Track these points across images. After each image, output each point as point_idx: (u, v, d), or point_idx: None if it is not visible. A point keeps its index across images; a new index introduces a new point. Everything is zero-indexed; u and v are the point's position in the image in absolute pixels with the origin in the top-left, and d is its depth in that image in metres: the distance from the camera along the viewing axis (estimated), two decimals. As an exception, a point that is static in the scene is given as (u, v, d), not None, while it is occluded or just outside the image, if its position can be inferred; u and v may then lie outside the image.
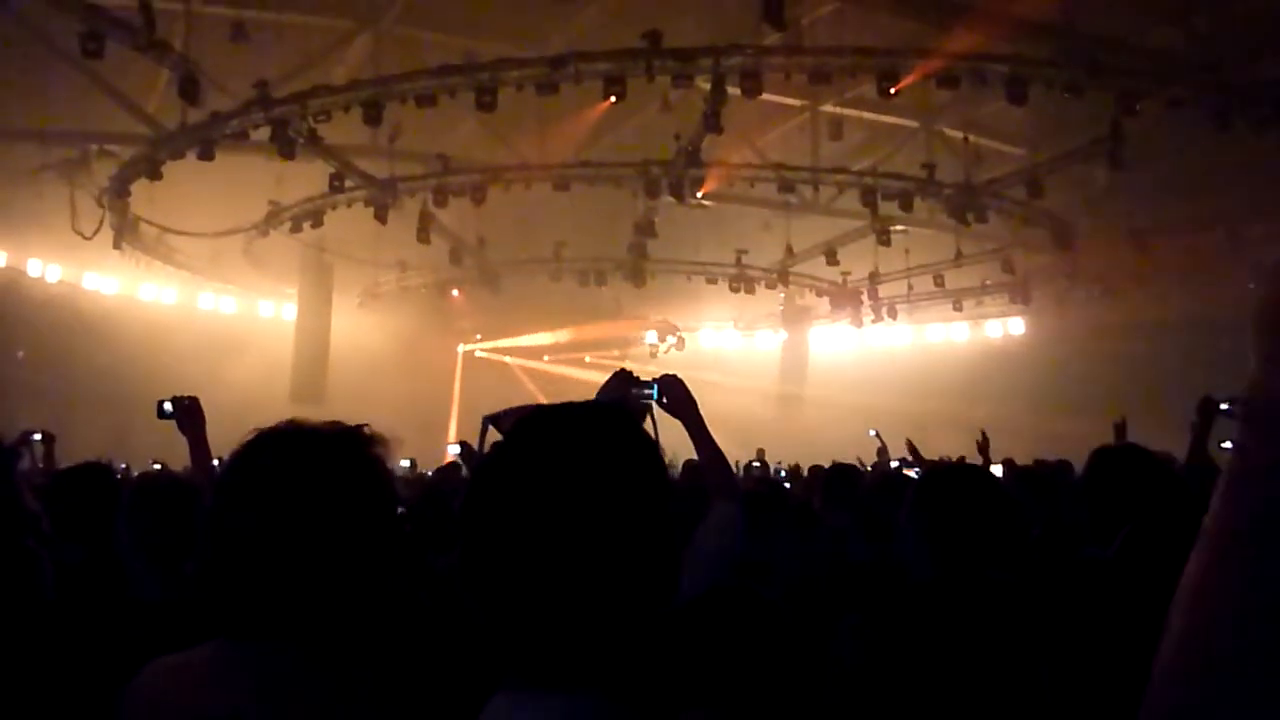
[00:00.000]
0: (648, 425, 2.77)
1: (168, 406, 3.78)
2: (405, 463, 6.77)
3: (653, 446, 1.36)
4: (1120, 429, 6.46)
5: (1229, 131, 14.25)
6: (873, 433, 11.64)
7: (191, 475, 4.00)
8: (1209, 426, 4.40)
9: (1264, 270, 0.87)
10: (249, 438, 1.90)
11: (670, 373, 3.08)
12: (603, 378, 2.93)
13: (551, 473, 1.27)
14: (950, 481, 3.16)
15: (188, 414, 3.74)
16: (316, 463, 1.84)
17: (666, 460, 1.38)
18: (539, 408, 1.42)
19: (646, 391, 3.01)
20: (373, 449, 1.88)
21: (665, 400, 2.97)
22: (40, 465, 6.39)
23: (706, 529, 2.86)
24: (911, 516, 3.10)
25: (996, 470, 8.64)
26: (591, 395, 3.29)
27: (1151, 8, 14.46)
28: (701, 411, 2.98)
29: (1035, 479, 6.72)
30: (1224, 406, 3.57)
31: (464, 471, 6.71)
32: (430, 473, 10.15)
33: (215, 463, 4.03)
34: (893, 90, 14.04)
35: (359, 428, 1.92)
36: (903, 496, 3.25)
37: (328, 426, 1.91)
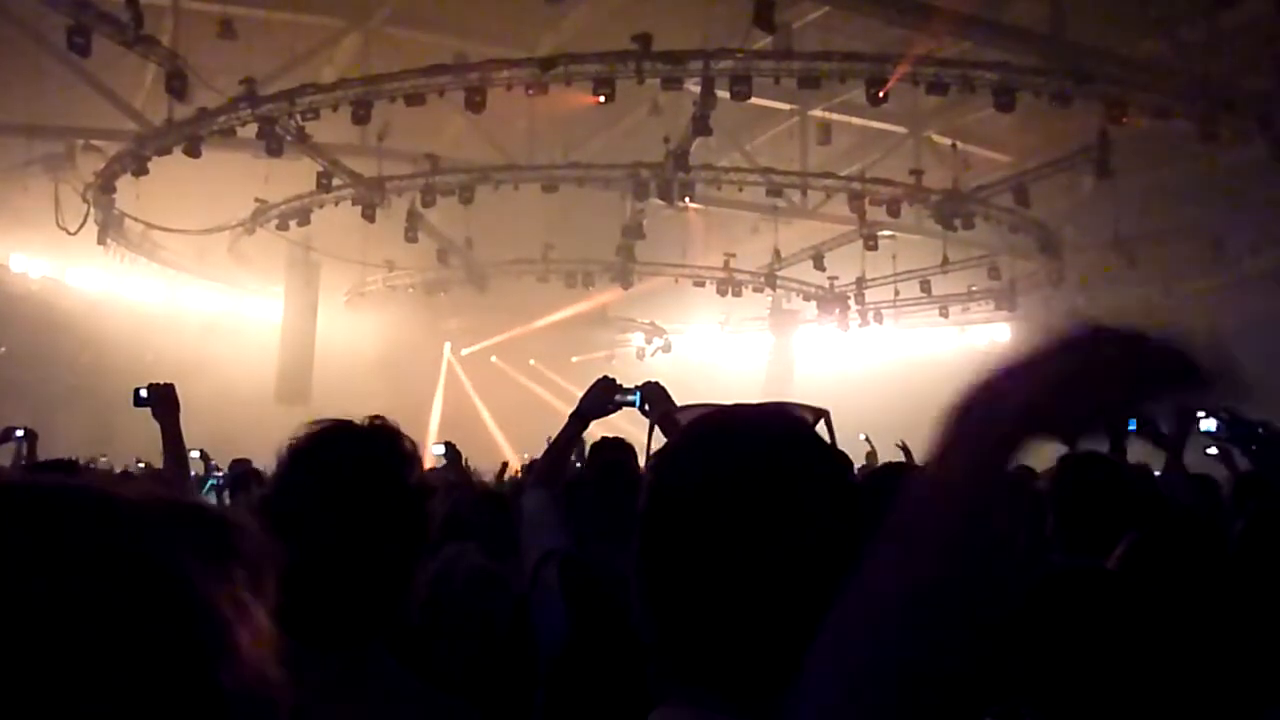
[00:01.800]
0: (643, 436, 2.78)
1: (143, 393, 3.76)
2: (439, 448, 6.71)
3: (832, 461, 1.29)
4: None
5: (1215, 141, 14.34)
6: (863, 437, 11.66)
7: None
8: (1187, 434, 4.41)
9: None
10: (309, 434, 1.84)
11: (653, 380, 3.07)
12: (588, 378, 2.93)
13: (740, 483, 1.20)
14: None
15: (163, 400, 3.71)
16: (385, 466, 1.82)
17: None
18: (715, 412, 1.36)
19: (630, 398, 3.01)
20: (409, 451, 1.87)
21: (647, 407, 2.97)
22: (23, 463, 6.34)
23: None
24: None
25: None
26: (576, 397, 3.29)
27: (1139, 19, 14.53)
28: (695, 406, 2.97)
29: (1018, 486, 6.73)
30: (1204, 427, 3.58)
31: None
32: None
33: (195, 455, 4.01)
34: (880, 95, 14.08)
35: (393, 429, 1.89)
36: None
37: (375, 426, 1.88)
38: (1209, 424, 3.56)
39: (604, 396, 3.05)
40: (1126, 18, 14.43)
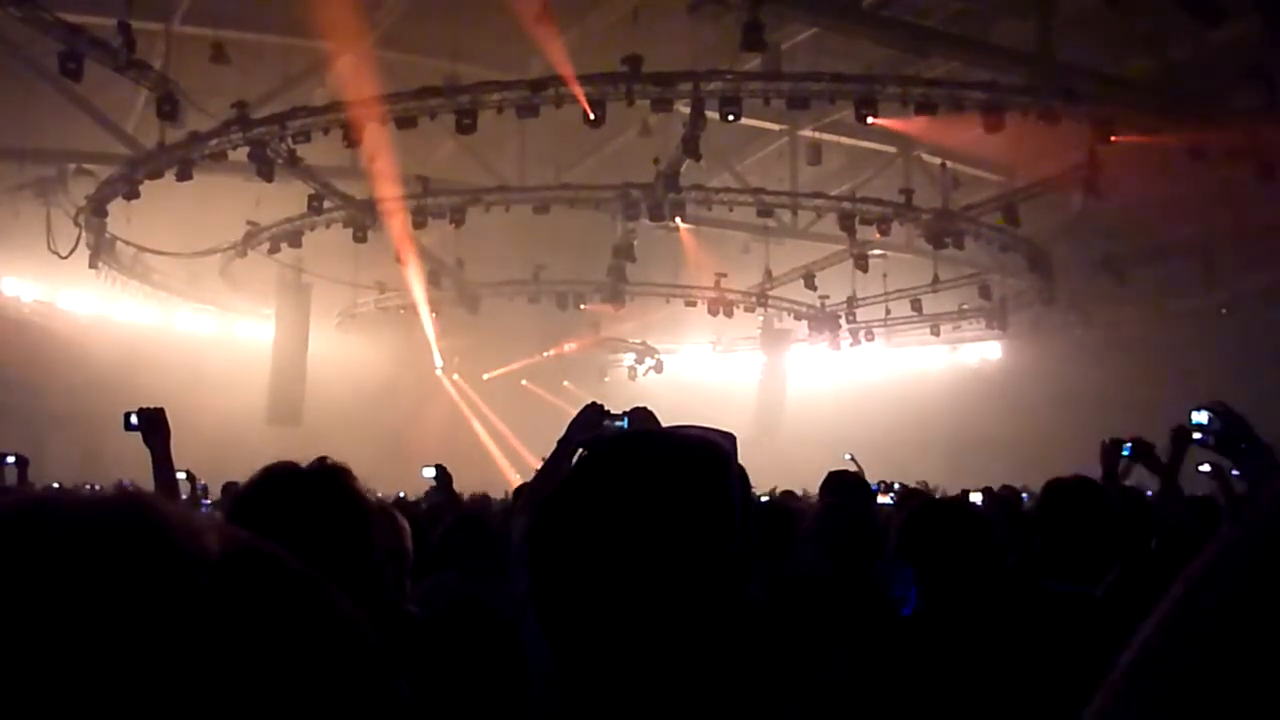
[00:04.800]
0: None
1: (133, 419, 3.73)
2: (430, 472, 6.70)
3: (728, 490, 1.28)
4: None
5: (1204, 159, 14.41)
6: (848, 456, 11.65)
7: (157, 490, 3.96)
8: (1181, 457, 4.39)
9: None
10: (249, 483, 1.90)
11: (641, 405, 3.08)
12: (579, 399, 2.94)
13: (624, 509, 1.21)
14: (936, 518, 3.18)
15: (153, 426, 3.69)
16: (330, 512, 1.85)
17: None
18: (622, 436, 1.36)
19: (618, 424, 3.01)
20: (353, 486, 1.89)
21: None
22: (15, 487, 6.31)
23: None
24: (898, 552, 3.11)
25: (977, 498, 8.66)
26: (568, 418, 3.30)
27: (1126, 39, 14.64)
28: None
29: (1008, 506, 6.74)
30: (1197, 436, 3.57)
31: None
32: (405, 495, 10.11)
33: (181, 476, 4.00)
34: (869, 120, 14.18)
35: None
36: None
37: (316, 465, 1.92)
38: (1200, 416, 3.56)
39: (592, 422, 3.05)
40: (1114, 37, 14.54)
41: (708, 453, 1.30)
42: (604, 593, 1.19)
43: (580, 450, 1.42)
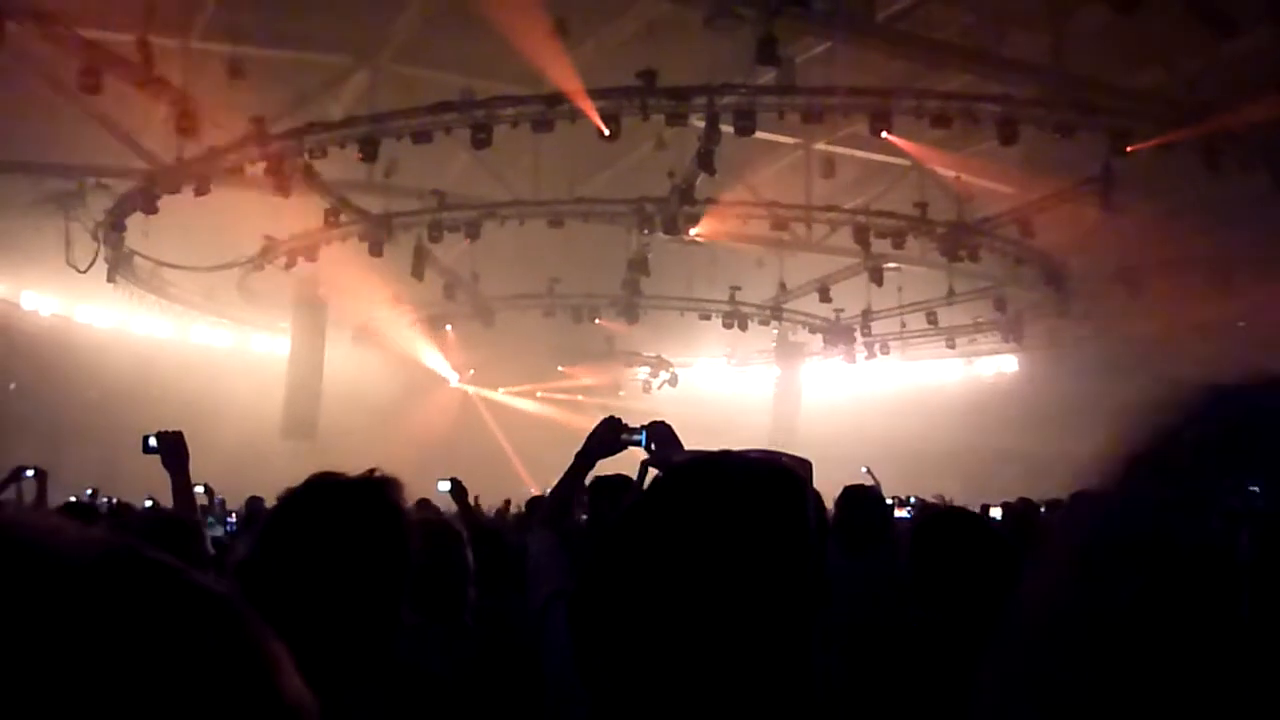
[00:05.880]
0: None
1: (152, 441, 3.74)
2: (445, 485, 6.70)
3: (801, 512, 1.28)
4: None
5: (1217, 171, 14.36)
6: (865, 470, 11.64)
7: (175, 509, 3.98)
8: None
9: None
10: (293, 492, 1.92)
11: (659, 419, 3.08)
12: (596, 413, 2.94)
13: (701, 533, 1.21)
14: (946, 528, 3.17)
15: (172, 449, 3.71)
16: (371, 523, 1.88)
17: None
18: (695, 459, 1.36)
19: (635, 438, 3.01)
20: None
21: (654, 447, 2.97)
22: (34, 501, 6.36)
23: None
24: (910, 562, 3.11)
25: (996, 513, 8.65)
26: (584, 432, 3.30)
27: (1140, 50, 14.61)
28: (693, 449, 2.98)
29: (1026, 521, 6.73)
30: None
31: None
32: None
33: (199, 489, 4.02)
34: (884, 135, 14.20)
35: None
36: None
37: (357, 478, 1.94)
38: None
39: (610, 436, 3.05)
40: (1127, 49, 14.51)
41: (784, 479, 1.30)
42: (681, 617, 1.18)
43: (652, 471, 1.42)
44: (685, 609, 1.18)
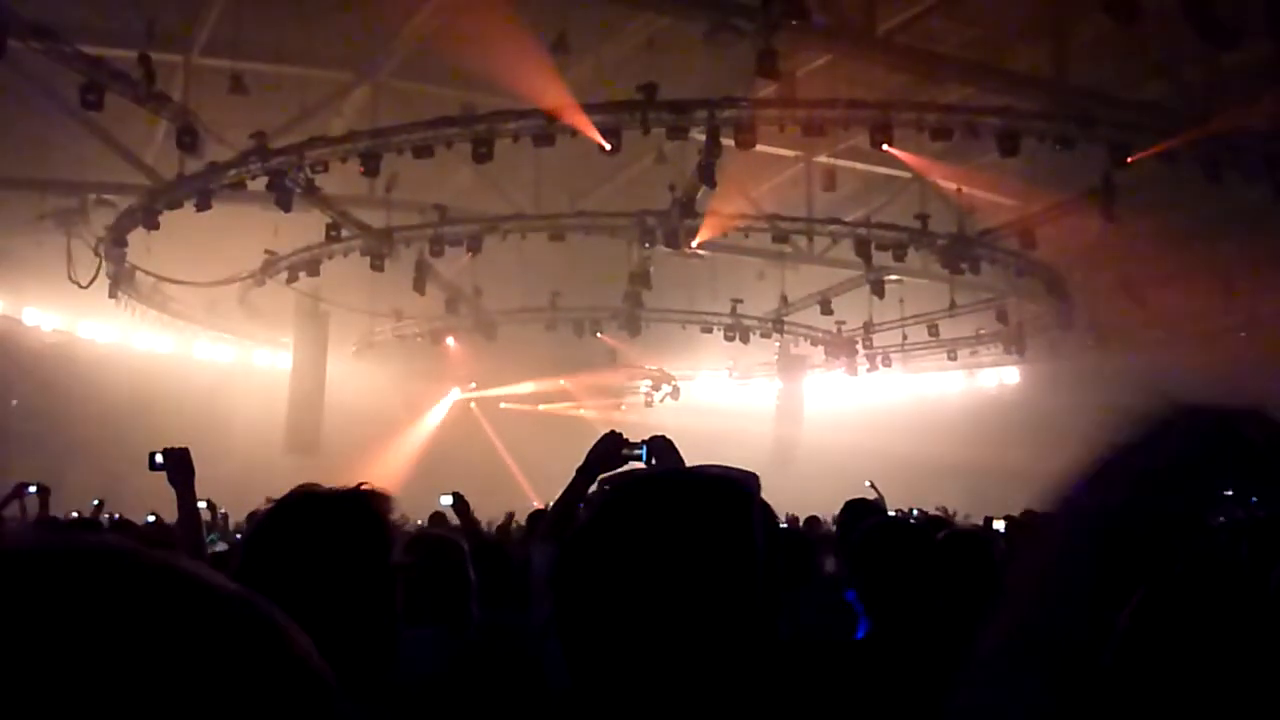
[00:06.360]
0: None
1: (159, 458, 3.76)
2: (447, 499, 6.72)
3: (751, 528, 1.29)
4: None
5: (1220, 182, 14.36)
6: (868, 483, 11.63)
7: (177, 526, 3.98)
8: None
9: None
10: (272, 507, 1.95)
11: (659, 434, 3.07)
12: (598, 426, 2.93)
13: (647, 549, 1.22)
14: (885, 539, 3.16)
15: (178, 466, 3.72)
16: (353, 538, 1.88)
17: None
18: (643, 476, 1.39)
19: (636, 453, 3.01)
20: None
21: (654, 461, 2.96)
22: (36, 517, 6.36)
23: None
24: (850, 575, 3.10)
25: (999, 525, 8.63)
26: (586, 445, 3.30)
27: (1141, 62, 14.63)
28: (695, 462, 2.97)
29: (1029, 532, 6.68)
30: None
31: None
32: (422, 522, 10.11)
33: (201, 505, 4.02)
34: (885, 146, 14.20)
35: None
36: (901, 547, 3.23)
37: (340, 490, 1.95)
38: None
39: (611, 451, 3.05)
40: (1128, 61, 14.53)
41: (730, 490, 1.31)
42: (629, 633, 1.20)
43: (601, 488, 1.44)
44: (642, 619, 1.19)
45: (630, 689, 1.20)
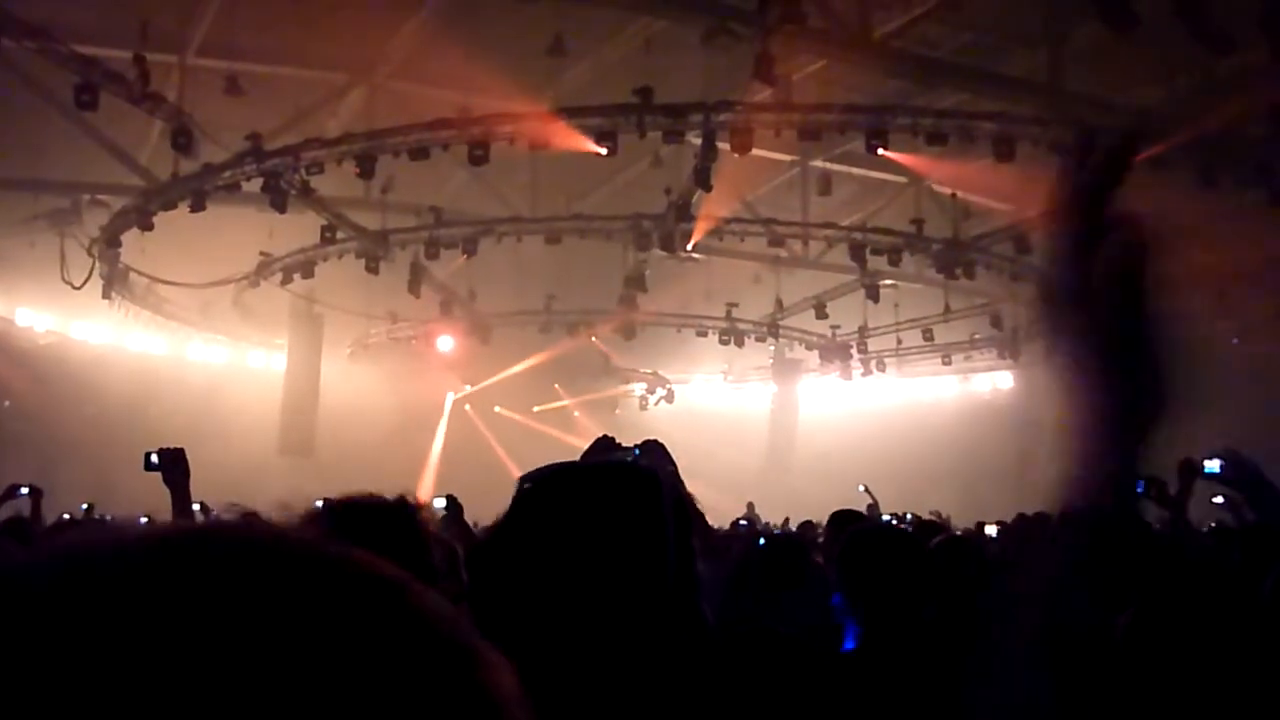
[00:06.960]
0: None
1: (154, 458, 3.75)
2: (441, 503, 6.70)
3: (659, 513, 1.34)
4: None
5: (1213, 189, 14.39)
6: (862, 488, 11.64)
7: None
8: (1190, 491, 4.31)
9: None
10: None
11: (652, 439, 3.07)
12: (591, 429, 2.93)
13: (558, 539, 1.28)
14: (872, 545, 3.15)
15: (174, 465, 3.72)
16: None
17: None
18: (555, 469, 1.45)
19: (629, 457, 3.01)
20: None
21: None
22: (28, 519, 6.33)
23: None
24: (837, 580, 3.10)
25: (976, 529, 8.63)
26: (580, 448, 3.29)
27: (1136, 68, 14.66)
28: (690, 466, 2.97)
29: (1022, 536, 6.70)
30: (1208, 468, 3.53)
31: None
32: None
33: (195, 508, 4.01)
34: (880, 152, 14.22)
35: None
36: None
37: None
38: (1212, 465, 3.53)
39: (603, 455, 3.05)
40: (1123, 66, 14.56)
41: (635, 478, 1.37)
42: (544, 620, 1.25)
43: (520, 484, 1.50)
44: (557, 600, 1.26)
45: (548, 670, 1.22)
